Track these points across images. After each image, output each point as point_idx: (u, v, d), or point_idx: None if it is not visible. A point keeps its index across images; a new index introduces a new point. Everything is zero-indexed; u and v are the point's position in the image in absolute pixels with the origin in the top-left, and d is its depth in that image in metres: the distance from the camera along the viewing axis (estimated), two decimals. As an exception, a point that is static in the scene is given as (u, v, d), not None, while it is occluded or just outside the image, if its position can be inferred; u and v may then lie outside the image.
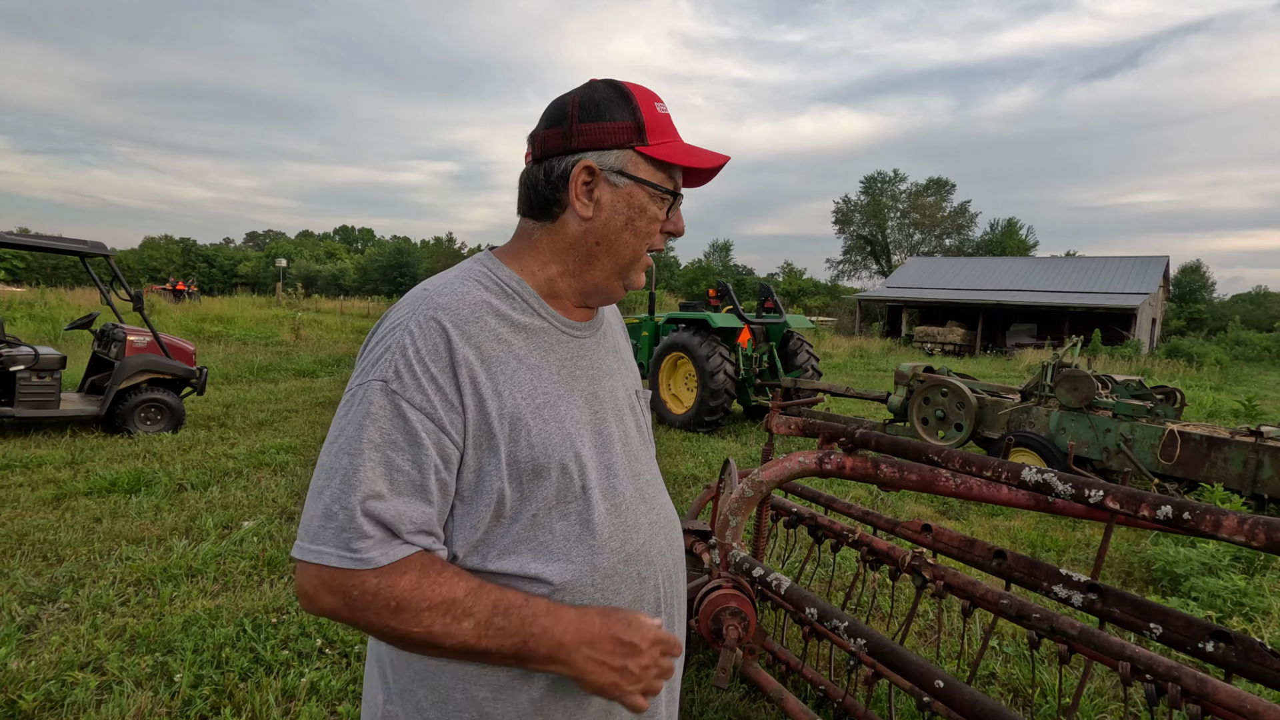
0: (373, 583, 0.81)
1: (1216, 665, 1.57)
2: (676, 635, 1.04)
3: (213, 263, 79.19)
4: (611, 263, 1.01)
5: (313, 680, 2.66)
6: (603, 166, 0.96)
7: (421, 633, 0.82)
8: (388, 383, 0.85)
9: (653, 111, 0.99)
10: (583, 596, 0.93)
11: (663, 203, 1.00)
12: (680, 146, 1.01)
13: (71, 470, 5.37)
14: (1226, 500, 4.67)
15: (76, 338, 12.96)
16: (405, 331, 0.88)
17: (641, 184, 0.97)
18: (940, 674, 1.60)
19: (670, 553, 1.07)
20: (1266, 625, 3.28)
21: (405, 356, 0.86)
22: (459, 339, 0.88)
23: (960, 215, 57.36)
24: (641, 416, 1.13)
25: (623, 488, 0.99)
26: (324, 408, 8.73)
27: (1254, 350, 29.71)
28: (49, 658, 2.74)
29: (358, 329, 21.43)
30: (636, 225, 0.99)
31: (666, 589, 1.05)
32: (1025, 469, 1.74)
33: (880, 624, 3.29)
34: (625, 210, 0.98)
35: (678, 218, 1.04)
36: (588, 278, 1.02)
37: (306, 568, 0.83)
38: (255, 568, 3.68)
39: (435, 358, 0.87)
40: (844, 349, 23.96)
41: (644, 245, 1.01)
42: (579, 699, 0.93)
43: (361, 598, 0.81)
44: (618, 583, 0.96)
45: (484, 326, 0.92)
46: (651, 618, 0.94)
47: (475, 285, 0.95)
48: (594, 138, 0.96)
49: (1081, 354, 11.88)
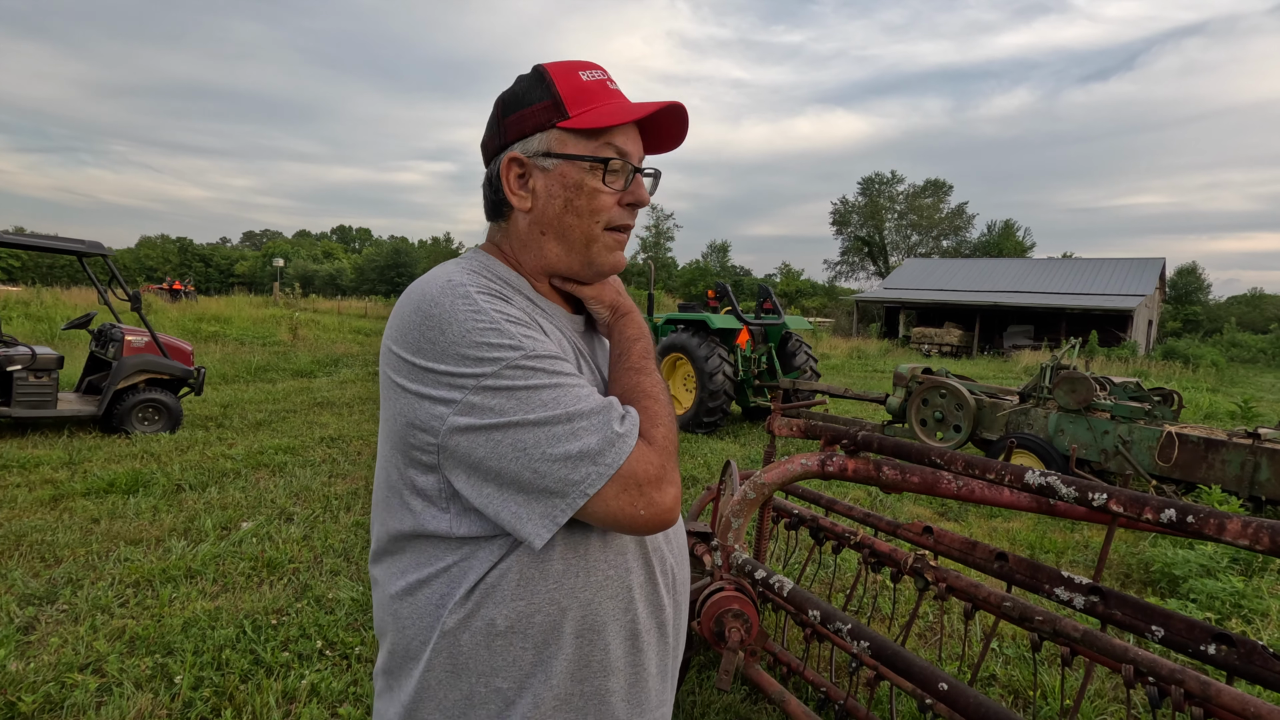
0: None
1: (1218, 668, 1.57)
2: (679, 627, 1.04)
3: (209, 262, 79.03)
4: (562, 248, 0.97)
5: (313, 682, 2.65)
6: (528, 153, 0.95)
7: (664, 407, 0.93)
8: (510, 359, 0.83)
9: (574, 82, 0.94)
10: (596, 573, 0.91)
11: (605, 174, 0.94)
12: (608, 108, 0.94)
13: (69, 471, 5.35)
14: (1224, 502, 4.68)
15: (73, 337, 12.92)
16: (456, 317, 0.84)
17: (570, 159, 0.93)
18: (944, 676, 1.60)
19: (673, 540, 1.05)
20: (1265, 627, 3.29)
21: (493, 328, 0.84)
22: (502, 302, 0.89)
23: (957, 217, 57.46)
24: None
25: None
26: (322, 408, 8.72)
27: (1249, 352, 29.82)
28: (48, 659, 2.73)
29: (355, 329, 21.40)
30: (576, 204, 0.95)
31: (675, 574, 1.03)
32: (1029, 472, 1.74)
33: (879, 626, 3.29)
34: (560, 191, 0.95)
35: (636, 187, 0.97)
36: (549, 267, 0.99)
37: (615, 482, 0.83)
38: (255, 569, 3.67)
39: (505, 311, 0.87)
40: (841, 350, 24.00)
41: (593, 223, 0.96)
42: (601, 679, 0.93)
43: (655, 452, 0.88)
44: (630, 559, 0.94)
45: (510, 294, 0.94)
46: (660, 597, 0.98)
47: (476, 275, 0.93)
48: (517, 128, 0.95)
49: (1079, 356, 11.90)
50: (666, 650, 1.01)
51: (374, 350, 16.04)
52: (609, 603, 0.91)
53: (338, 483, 5.36)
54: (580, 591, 0.89)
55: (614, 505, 0.82)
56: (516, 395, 0.81)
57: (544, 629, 0.88)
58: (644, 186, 0.99)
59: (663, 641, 0.99)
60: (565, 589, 0.88)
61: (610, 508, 0.82)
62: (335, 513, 4.65)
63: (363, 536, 4.22)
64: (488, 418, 0.81)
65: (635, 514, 0.83)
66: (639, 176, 0.98)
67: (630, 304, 1.06)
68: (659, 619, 0.98)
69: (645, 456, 0.84)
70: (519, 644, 0.88)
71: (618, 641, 0.92)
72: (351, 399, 9.50)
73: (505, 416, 0.81)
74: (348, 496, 4.99)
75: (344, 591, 3.41)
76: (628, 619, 0.93)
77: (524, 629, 0.87)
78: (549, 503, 0.82)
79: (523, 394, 0.82)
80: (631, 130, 0.97)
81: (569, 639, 0.89)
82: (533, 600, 0.87)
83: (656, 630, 0.98)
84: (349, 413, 8.51)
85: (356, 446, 6.66)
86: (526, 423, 0.81)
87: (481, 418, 0.81)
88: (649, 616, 0.96)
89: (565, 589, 0.88)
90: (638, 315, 1.05)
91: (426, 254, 74.99)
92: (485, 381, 0.82)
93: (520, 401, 0.81)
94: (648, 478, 0.83)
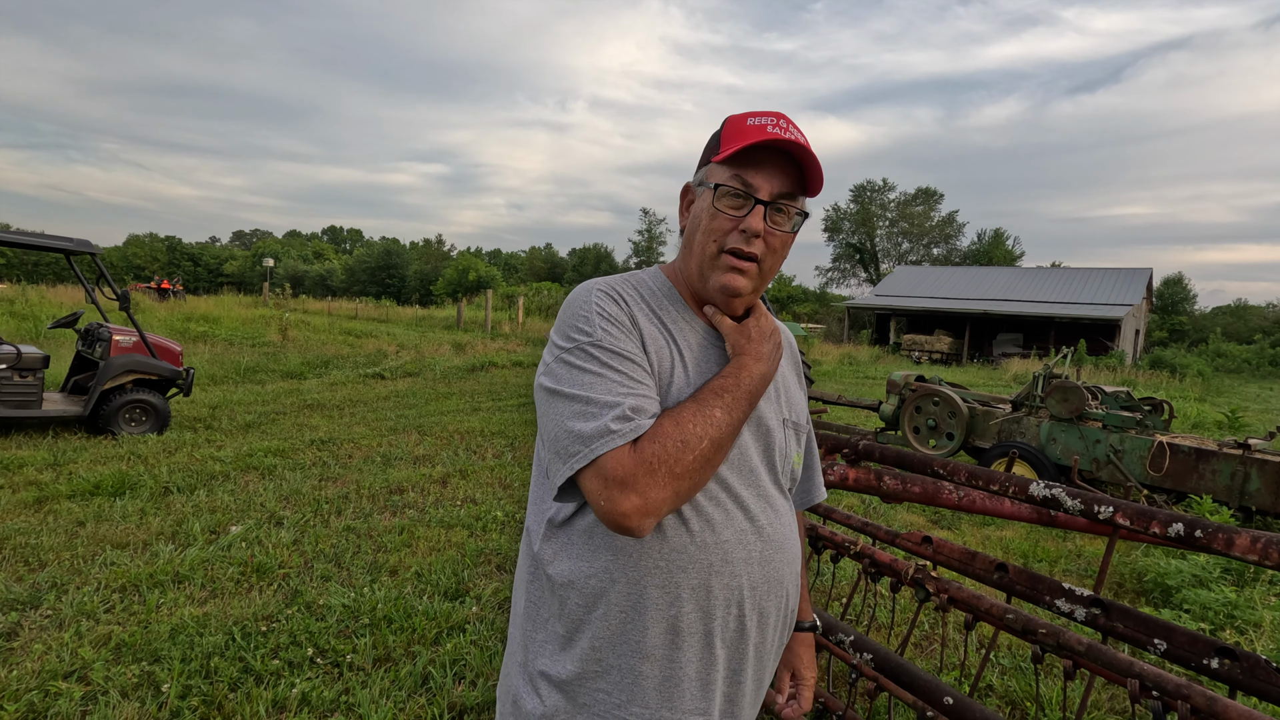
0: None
1: (1221, 682, 1.57)
2: (740, 651, 1.05)
3: (198, 261, 78.42)
4: (694, 261, 1.10)
5: (304, 691, 2.61)
6: (694, 183, 1.13)
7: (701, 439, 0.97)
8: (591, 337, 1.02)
9: (738, 124, 1.06)
10: (646, 560, 0.98)
11: (730, 200, 1.04)
12: (743, 139, 1.02)
13: (54, 472, 5.26)
14: (1215, 512, 4.71)
15: (59, 336, 12.75)
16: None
17: (710, 187, 1.06)
18: (948, 690, 1.59)
19: (761, 566, 1.05)
20: (1259, 638, 3.30)
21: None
22: (621, 301, 1.07)
23: (948, 225, 57.87)
24: (780, 444, 1.13)
25: (720, 488, 1.03)
26: (312, 410, 8.64)
27: (1234, 362, 30.18)
28: (31, 666, 2.67)
29: (345, 330, 21.26)
30: (703, 224, 1.07)
31: (749, 599, 1.04)
32: (1033, 484, 1.74)
33: (876, 635, 3.28)
34: (701, 213, 1.08)
35: (750, 215, 1.04)
36: (689, 279, 1.12)
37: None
38: (244, 574, 3.62)
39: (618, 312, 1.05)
40: (833, 356, 24.08)
41: (709, 241, 1.06)
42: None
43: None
44: (685, 561, 0.99)
45: (635, 300, 1.09)
46: (725, 620, 1.02)
47: (619, 280, 1.12)
48: (700, 167, 1.13)
49: (1070, 365, 11.98)
50: (714, 664, 1.02)
51: (364, 352, 15.92)
52: (654, 591, 0.98)
53: (328, 486, 5.30)
54: (629, 569, 0.98)
55: (588, 486, 0.92)
56: (572, 371, 0.98)
57: (594, 591, 0.99)
58: (757, 216, 1.03)
59: (708, 652, 1.01)
60: (619, 562, 0.99)
61: (586, 488, 0.93)
62: (326, 517, 4.59)
63: (353, 541, 4.17)
64: (549, 382, 1.00)
65: (597, 504, 0.92)
66: (758, 208, 1.04)
67: (753, 351, 1.07)
68: (707, 627, 1.01)
69: (620, 458, 0.90)
70: (575, 598, 1.01)
71: (657, 630, 0.98)
72: (342, 401, 9.42)
73: (558, 385, 0.98)
74: (338, 500, 4.94)
75: (335, 598, 3.36)
76: (671, 612, 0.99)
77: (581, 585, 1.00)
78: (558, 462, 0.95)
79: (577, 372, 0.98)
80: (771, 166, 1.04)
81: (615, 609, 0.99)
82: (594, 562, 1.00)
83: (703, 638, 1.01)
84: (339, 415, 8.44)
85: (347, 449, 6.59)
86: (563, 394, 0.97)
87: (548, 380, 1.00)
88: (697, 621, 1.00)
89: (619, 562, 0.99)
90: (750, 363, 1.06)
91: (418, 255, 74.69)
92: (562, 355, 1.00)
93: (572, 377, 0.97)
94: (615, 477, 0.90)
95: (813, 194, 1.10)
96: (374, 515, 4.68)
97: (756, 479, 1.08)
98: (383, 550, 4.07)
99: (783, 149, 1.04)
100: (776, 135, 1.01)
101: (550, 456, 0.97)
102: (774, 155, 1.04)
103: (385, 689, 2.68)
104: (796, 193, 1.07)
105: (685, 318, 1.11)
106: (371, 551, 4.04)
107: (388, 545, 4.14)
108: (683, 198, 1.15)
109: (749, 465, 1.08)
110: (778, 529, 1.10)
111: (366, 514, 4.70)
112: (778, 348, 1.12)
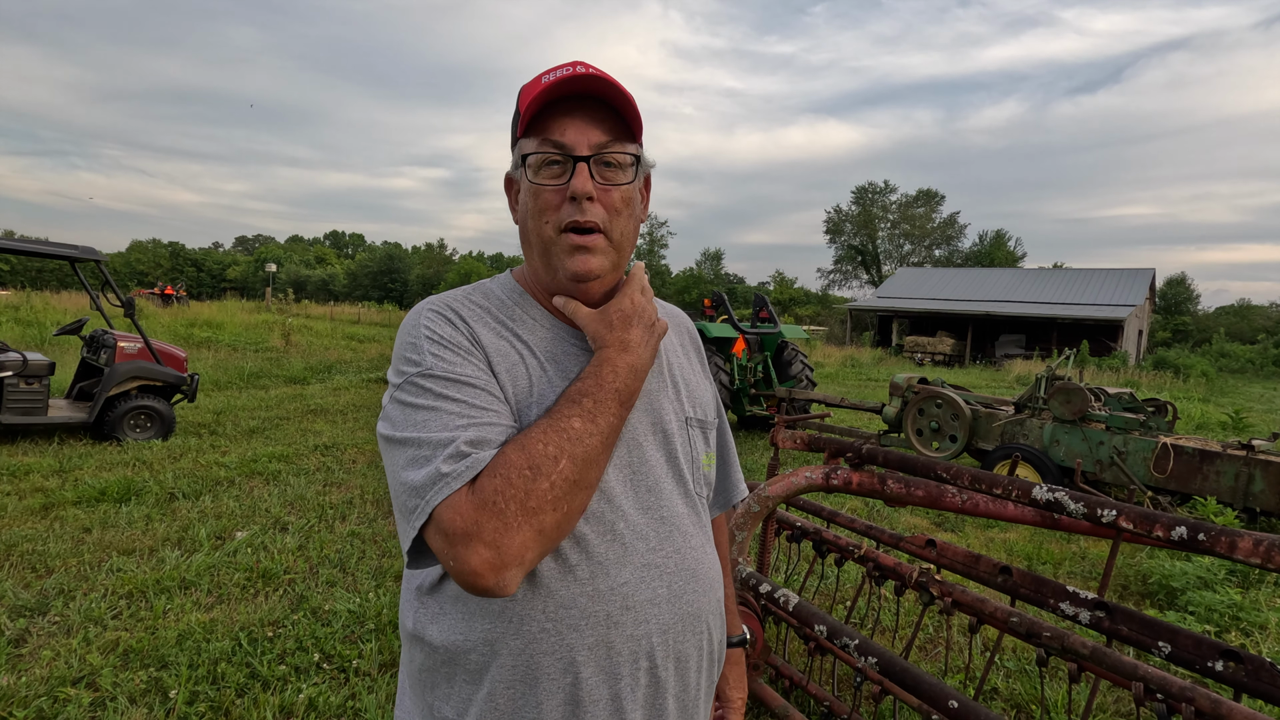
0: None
1: (1226, 684, 1.57)
2: (660, 707, 0.90)
3: (201, 267, 78.62)
4: (536, 253, 0.94)
5: (311, 696, 2.62)
6: (512, 170, 0.97)
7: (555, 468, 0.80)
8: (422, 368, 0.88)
9: (533, 88, 0.89)
10: (530, 624, 0.83)
11: (547, 169, 0.89)
12: (541, 97, 0.88)
13: (60, 479, 5.28)
14: (1220, 514, 4.70)
15: (63, 343, 12.81)
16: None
17: (522, 163, 0.92)
18: (954, 694, 1.60)
19: (671, 605, 0.90)
20: (1264, 640, 3.30)
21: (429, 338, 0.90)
22: (456, 319, 0.92)
23: (949, 226, 57.92)
24: (684, 447, 0.98)
25: (612, 516, 0.87)
26: (316, 415, 8.66)
27: (1238, 362, 30.10)
28: (40, 673, 2.68)
29: (348, 335, 21.31)
30: (529, 207, 0.92)
31: (660, 648, 0.88)
32: (1036, 487, 1.74)
33: (880, 638, 3.28)
34: (524, 196, 0.93)
35: (575, 179, 0.88)
36: (538, 278, 0.98)
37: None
38: (250, 579, 3.63)
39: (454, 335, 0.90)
40: (835, 358, 24.07)
41: (543, 224, 0.91)
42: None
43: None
44: (576, 617, 0.83)
45: (475, 315, 0.93)
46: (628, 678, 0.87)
47: (458, 294, 0.97)
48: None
49: (1073, 366, 11.99)
50: None
51: (366, 356, 15.97)
52: (544, 659, 0.83)
53: (332, 491, 5.32)
54: (511, 638, 0.83)
55: (433, 546, 0.77)
56: (404, 410, 0.84)
57: (475, 666, 0.85)
58: (582, 175, 0.87)
59: (618, 719, 0.86)
60: (499, 629, 0.83)
61: (433, 547, 0.77)
62: (330, 522, 4.61)
63: (358, 546, 4.18)
64: (384, 428, 0.85)
65: (446, 564, 0.76)
66: (580, 166, 0.88)
67: (616, 341, 0.90)
68: (614, 690, 0.85)
69: (456, 506, 0.74)
70: (460, 675, 0.86)
71: (553, 705, 0.83)
72: (345, 406, 9.45)
73: (392, 430, 0.84)
74: (343, 505, 4.95)
75: (341, 603, 3.38)
76: (567, 680, 0.83)
77: (461, 661, 0.85)
78: (401, 522, 0.80)
79: (409, 410, 0.83)
80: (581, 115, 0.89)
81: (501, 686, 0.84)
82: (469, 633, 0.84)
83: (609, 704, 0.85)
84: (343, 420, 8.46)
85: (351, 455, 6.61)
86: (395, 440, 0.83)
87: (383, 425, 0.86)
88: (600, 685, 0.85)
89: (499, 629, 0.83)
90: (613, 356, 0.89)
91: (420, 260, 74.85)
92: (394, 394, 0.86)
93: (404, 417, 0.83)
94: (453, 530, 0.74)
95: (636, 135, 0.94)
96: (378, 520, 4.69)
97: (659, 497, 0.92)
98: (387, 555, 4.08)
99: (588, 94, 0.89)
100: (571, 74, 0.87)
101: (396, 516, 0.82)
102: (581, 103, 0.89)
103: (391, 694, 2.69)
104: (621, 138, 0.91)
105: (540, 320, 0.96)
106: (376, 556, 4.06)
107: (392, 550, 4.16)
108: (508, 192, 0.99)
109: (650, 481, 0.92)
110: (688, 555, 0.93)
111: (370, 519, 4.71)
112: (652, 330, 0.93)
